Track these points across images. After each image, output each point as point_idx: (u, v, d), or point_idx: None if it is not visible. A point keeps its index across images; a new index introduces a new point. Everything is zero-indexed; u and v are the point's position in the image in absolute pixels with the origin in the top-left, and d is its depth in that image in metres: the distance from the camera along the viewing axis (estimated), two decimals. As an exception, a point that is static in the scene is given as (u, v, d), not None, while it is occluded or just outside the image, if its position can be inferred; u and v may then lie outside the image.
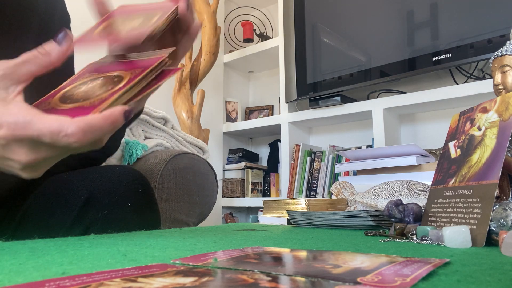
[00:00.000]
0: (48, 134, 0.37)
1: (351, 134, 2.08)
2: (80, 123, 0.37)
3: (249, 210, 2.45)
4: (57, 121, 0.37)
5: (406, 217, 0.58)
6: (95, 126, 0.37)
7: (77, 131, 0.37)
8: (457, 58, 1.48)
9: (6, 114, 0.37)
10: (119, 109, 0.39)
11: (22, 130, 0.37)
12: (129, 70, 0.46)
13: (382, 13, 1.75)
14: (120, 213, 0.68)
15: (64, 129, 0.36)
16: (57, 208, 0.66)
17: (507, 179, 0.52)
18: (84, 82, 0.46)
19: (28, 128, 0.37)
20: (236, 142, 2.52)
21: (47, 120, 0.37)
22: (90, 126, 0.37)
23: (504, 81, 0.60)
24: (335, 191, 0.98)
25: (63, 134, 0.36)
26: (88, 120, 0.37)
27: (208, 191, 1.23)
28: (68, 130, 0.36)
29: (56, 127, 0.36)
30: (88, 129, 0.37)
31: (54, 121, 0.37)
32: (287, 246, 0.45)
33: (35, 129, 0.37)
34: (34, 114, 0.37)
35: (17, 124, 0.37)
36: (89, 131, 0.37)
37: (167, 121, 1.38)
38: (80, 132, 0.37)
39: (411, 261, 0.31)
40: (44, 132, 0.37)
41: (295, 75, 1.99)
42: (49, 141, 0.37)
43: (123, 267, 0.30)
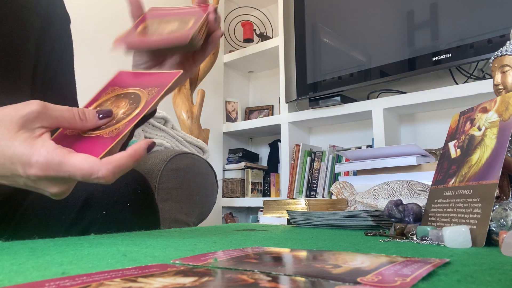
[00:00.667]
0: (80, 176, 0.39)
1: (351, 134, 2.08)
2: (109, 166, 0.39)
3: (249, 210, 2.45)
4: (87, 164, 0.39)
5: (406, 217, 0.58)
6: (123, 166, 0.40)
7: (108, 174, 0.39)
8: (457, 58, 1.48)
9: (35, 154, 0.39)
10: (143, 146, 0.42)
11: (53, 171, 0.39)
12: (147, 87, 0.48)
13: (382, 13, 1.75)
14: (119, 213, 0.68)
15: (94, 172, 0.39)
16: (56, 208, 0.66)
17: (507, 179, 0.52)
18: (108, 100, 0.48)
19: (59, 170, 0.39)
20: (236, 142, 2.52)
21: (78, 162, 0.39)
22: (118, 167, 0.40)
23: (504, 81, 0.60)
24: (335, 191, 0.98)
25: (95, 176, 0.39)
26: (116, 162, 0.40)
27: (208, 191, 1.23)
28: (99, 173, 0.39)
29: (87, 170, 0.39)
30: (116, 170, 0.40)
31: (84, 164, 0.39)
32: (287, 246, 0.45)
33: (66, 170, 0.39)
34: (63, 155, 0.39)
35: (48, 165, 0.38)
36: (117, 172, 0.40)
37: (167, 121, 1.38)
38: (110, 174, 0.39)
39: (411, 261, 0.31)
40: (76, 174, 0.39)
41: (295, 75, 1.99)
42: (80, 180, 0.40)
43: (123, 267, 0.30)
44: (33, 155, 0.38)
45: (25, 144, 0.39)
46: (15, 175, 0.40)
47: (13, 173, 0.40)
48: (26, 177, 0.39)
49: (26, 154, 0.38)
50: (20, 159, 0.39)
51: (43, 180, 0.40)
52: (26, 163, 0.38)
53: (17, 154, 0.38)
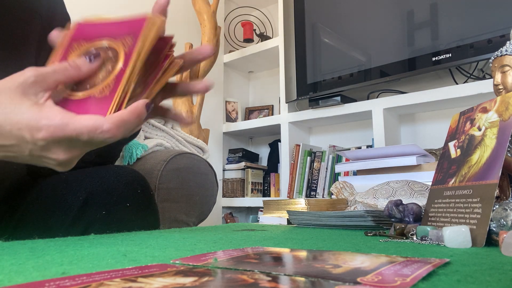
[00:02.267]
0: (86, 133, 0.40)
1: (351, 134, 2.08)
2: (113, 119, 0.41)
3: (249, 210, 2.45)
4: (92, 120, 0.40)
5: (406, 217, 0.58)
6: (126, 121, 0.41)
7: (112, 127, 0.40)
8: (457, 58, 1.48)
9: (44, 118, 0.40)
10: (142, 103, 0.43)
11: (61, 132, 0.40)
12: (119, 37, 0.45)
13: (382, 13, 1.75)
14: (119, 213, 0.68)
15: (99, 126, 0.40)
16: (56, 208, 0.66)
17: (507, 179, 0.52)
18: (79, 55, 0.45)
19: (67, 130, 0.40)
20: (236, 142, 2.52)
21: (83, 120, 0.40)
22: (121, 121, 0.41)
23: (504, 81, 0.60)
24: (335, 191, 0.98)
25: (100, 131, 0.40)
26: (120, 116, 0.41)
27: (208, 191, 1.23)
28: (103, 127, 0.40)
29: (92, 125, 0.40)
30: (121, 124, 0.41)
31: (89, 121, 0.40)
32: (287, 246, 0.45)
33: (73, 129, 0.40)
34: (70, 117, 0.40)
35: (56, 127, 0.40)
36: (121, 125, 0.41)
37: (167, 121, 1.38)
38: (115, 128, 0.41)
39: (411, 261, 0.31)
40: (82, 131, 0.40)
41: (295, 75, 1.99)
42: (87, 138, 0.40)
43: (123, 267, 0.30)
44: (42, 118, 0.39)
45: (32, 109, 0.40)
46: (21, 141, 0.40)
47: (19, 140, 0.40)
48: (33, 142, 0.40)
49: (34, 118, 0.39)
50: (28, 124, 0.39)
51: (51, 144, 0.41)
52: (34, 127, 0.39)
53: (25, 119, 0.39)
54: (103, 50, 0.45)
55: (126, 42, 0.44)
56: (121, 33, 0.45)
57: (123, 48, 0.44)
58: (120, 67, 0.43)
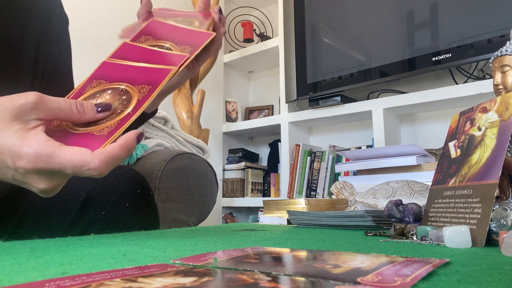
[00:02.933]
0: (71, 168, 0.38)
1: (351, 134, 2.08)
2: (101, 156, 0.38)
3: (249, 210, 2.45)
4: (79, 155, 0.38)
5: (406, 217, 0.58)
6: (115, 157, 0.39)
7: (100, 165, 0.38)
8: (457, 58, 1.48)
9: (26, 145, 0.37)
10: (133, 136, 0.41)
11: (42, 163, 0.37)
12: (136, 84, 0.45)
13: (382, 13, 1.75)
14: (119, 213, 0.68)
15: (86, 164, 0.37)
16: (56, 208, 0.66)
17: (507, 179, 0.52)
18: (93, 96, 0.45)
19: (49, 162, 0.37)
20: (236, 142, 2.52)
21: (69, 154, 0.38)
22: (110, 158, 0.39)
23: (504, 81, 0.60)
24: (335, 191, 0.98)
25: (86, 168, 0.38)
26: (108, 153, 0.39)
27: (208, 191, 1.23)
28: (90, 165, 0.38)
29: (79, 162, 0.37)
30: (109, 161, 0.39)
31: (75, 155, 0.38)
32: (287, 246, 0.45)
33: (57, 162, 0.37)
34: (54, 147, 0.38)
35: (38, 157, 0.37)
36: (109, 162, 0.39)
37: (167, 121, 1.38)
38: (103, 165, 0.38)
39: (411, 261, 0.31)
40: (66, 166, 0.37)
41: (295, 75, 1.99)
42: (71, 173, 0.38)
43: (123, 267, 0.30)
44: (24, 146, 0.37)
45: (17, 135, 0.37)
46: (3, 166, 0.38)
47: (2, 165, 0.38)
48: (14, 169, 0.38)
49: (16, 144, 0.37)
50: (9, 150, 0.37)
51: (32, 173, 0.38)
52: (15, 154, 0.37)
53: (7, 144, 0.37)
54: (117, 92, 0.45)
55: (143, 90, 0.45)
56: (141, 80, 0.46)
57: (138, 95, 0.44)
58: (128, 112, 0.43)
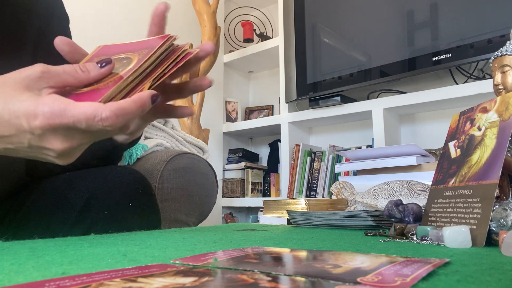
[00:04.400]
0: (84, 120, 0.39)
1: (351, 134, 2.08)
2: (112, 107, 0.39)
3: (249, 210, 2.45)
4: (91, 107, 0.39)
5: (406, 217, 0.58)
6: (126, 110, 0.40)
7: (111, 115, 0.39)
8: (457, 58, 1.48)
9: (41, 104, 0.39)
10: (147, 93, 0.41)
11: (57, 119, 0.39)
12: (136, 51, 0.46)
13: (382, 13, 1.75)
14: (121, 213, 0.68)
15: (98, 113, 0.39)
16: (59, 208, 0.66)
17: (507, 179, 0.52)
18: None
19: (64, 116, 0.39)
20: (236, 142, 2.52)
21: (81, 107, 0.39)
22: (122, 109, 0.39)
23: (504, 81, 0.60)
24: (335, 191, 0.98)
25: (98, 118, 0.39)
26: (120, 104, 0.40)
27: (208, 191, 1.23)
28: (102, 114, 0.39)
29: (91, 112, 0.38)
30: (120, 113, 0.39)
31: (88, 107, 0.39)
32: (287, 246, 0.45)
33: (70, 116, 0.39)
34: (67, 103, 0.39)
35: (53, 113, 0.39)
36: (121, 114, 0.39)
37: (167, 121, 1.38)
38: (114, 116, 0.39)
39: (411, 261, 0.31)
40: (80, 118, 0.39)
41: (295, 75, 1.99)
42: (85, 127, 0.39)
43: (123, 267, 0.30)
44: (38, 105, 0.39)
45: (31, 98, 0.39)
46: (20, 131, 0.40)
47: (17, 129, 0.39)
48: (30, 131, 0.39)
49: (31, 105, 0.39)
50: (25, 111, 0.39)
51: (48, 133, 0.39)
52: (31, 113, 0.39)
53: (23, 106, 0.39)
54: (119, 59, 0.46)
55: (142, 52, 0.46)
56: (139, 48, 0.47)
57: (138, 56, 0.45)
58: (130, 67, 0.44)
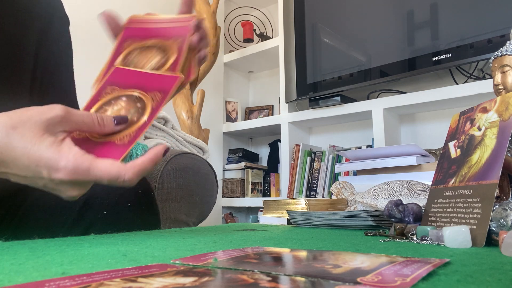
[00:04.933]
0: (107, 180, 0.41)
1: (351, 134, 2.08)
2: (134, 169, 0.42)
3: (249, 210, 2.45)
4: (114, 168, 0.41)
5: (406, 217, 0.58)
6: (146, 169, 0.43)
7: (133, 177, 0.42)
8: (457, 58, 1.48)
9: (63, 160, 0.40)
10: (160, 151, 0.45)
11: (81, 176, 0.41)
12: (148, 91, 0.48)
13: (382, 13, 1.75)
14: (120, 213, 0.68)
15: (121, 175, 0.41)
16: (57, 208, 0.66)
17: (507, 179, 0.52)
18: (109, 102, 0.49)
19: (87, 175, 0.41)
20: (236, 142, 2.52)
21: (105, 167, 0.41)
22: (142, 170, 0.43)
23: (504, 81, 0.60)
24: (335, 191, 0.98)
25: (121, 180, 0.42)
26: (140, 166, 0.43)
27: (208, 191, 1.23)
28: (125, 176, 0.42)
29: (115, 174, 0.41)
30: (140, 173, 0.43)
31: (112, 168, 0.41)
32: (287, 246, 0.45)
33: (94, 175, 0.41)
34: (90, 161, 0.41)
35: (76, 171, 0.40)
36: (140, 174, 0.43)
37: (167, 121, 1.38)
38: (135, 177, 0.42)
39: (411, 261, 0.31)
40: (103, 178, 0.41)
41: (295, 75, 1.99)
42: (106, 183, 0.42)
43: (123, 267, 0.30)
44: (61, 160, 0.40)
45: (52, 148, 0.40)
46: (37, 177, 0.41)
47: (35, 175, 0.41)
48: (49, 180, 0.40)
49: (53, 158, 0.40)
50: (46, 163, 0.40)
51: (67, 184, 0.41)
52: (53, 167, 0.40)
53: (44, 157, 0.40)
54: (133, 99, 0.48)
55: (155, 98, 0.48)
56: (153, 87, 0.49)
57: (151, 103, 0.47)
58: (144, 120, 0.46)
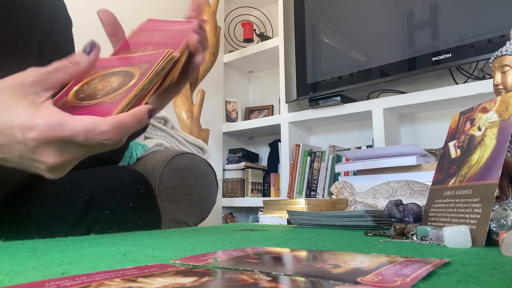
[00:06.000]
0: (83, 133, 0.38)
1: (351, 134, 2.08)
2: (111, 121, 0.39)
3: (249, 210, 2.45)
4: (90, 120, 0.39)
5: (406, 217, 0.58)
6: (125, 123, 0.40)
7: (110, 129, 0.39)
8: (457, 58, 1.48)
9: (38, 117, 0.38)
10: (145, 108, 0.42)
11: (54, 132, 0.38)
12: (136, 65, 0.46)
13: (382, 13, 1.75)
14: (122, 213, 0.68)
15: (97, 127, 0.38)
16: (60, 208, 0.66)
17: (507, 179, 0.52)
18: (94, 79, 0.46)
19: (61, 130, 0.38)
20: (236, 142, 2.52)
21: (80, 120, 0.39)
22: (121, 123, 0.39)
23: (504, 81, 0.60)
24: (335, 191, 0.98)
25: (97, 131, 0.38)
26: (119, 118, 0.40)
27: (208, 191, 1.23)
28: (101, 127, 0.38)
29: (91, 126, 0.38)
30: (119, 126, 0.39)
31: (87, 120, 0.39)
32: (287, 246, 0.45)
33: (69, 129, 0.38)
34: (66, 116, 0.39)
35: (49, 126, 0.38)
36: (119, 128, 0.39)
37: (167, 121, 1.38)
38: (112, 130, 0.39)
39: (411, 261, 0.31)
40: (78, 131, 0.38)
41: (295, 75, 1.99)
42: (82, 140, 0.39)
43: (123, 267, 0.30)
44: (36, 118, 0.38)
45: (29, 109, 0.39)
46: (12, 141, 0.39)
47: (10, 139, 0.39)
48: (24, 142, 0.38)
49: (28, 117, 0.38)
50: (21, 122, 0.38)
51: (42, 145, 0.39)
52: (27, 126, 0.38)
53: (19, 118, 0.38)
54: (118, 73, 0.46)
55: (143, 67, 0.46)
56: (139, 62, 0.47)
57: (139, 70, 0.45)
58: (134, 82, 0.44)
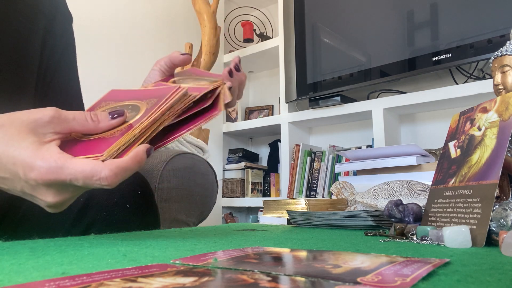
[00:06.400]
0: (82, 179, 0.38)
1: (351, 134, 2.08)
2: (111, 166, 0.39)
3: (249, 210, 2.45)
4: (89, 165, 0.38)
5: (406, 217, 0.58)
6: (126, 168, 0.40)
7: (110, 175, 0.39)
8: (457, 58, 1.48)
9: (39, 158, 0.38)
10: (142, 149, 0.41)
11: (54, 175, 0.38)
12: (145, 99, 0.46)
13: (382, 13, 1.75)
14: (119, 214, 0.68)
15: (97, 173, 0.38)
16: None
17: (507, 179, 0.52)
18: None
19: (61, 173, 0.38)
20: (236, 142, 2.52)
21: (80, 165, 0.38)
22: (121, 168, 0.39)
23: (504, 81, 0.60)
24: (335, 191, 0.98)
25: (97, 178, 0.38)
26: (119, 163, 0.39)
27: (208, 191, 1.23)
28: (101, 174, 0.38)
29: (89, 172, 0.38)
30: (119, 172, 0.39)
31: (86, 166, 0.38)
32: (287, 246, 0.45)
33: (68, 173, 0.38)
34: (65, 159, 0.38)
35: (50, 168, 0.38)
36: (119, 173, 0.39)
37: (167, 121, 1.38)
38: (113, 176, 0.39)
39: (411, 261, 0.31)
40: (77, 176, 0.38)
41: (295, 75, 1.99)
42: (81, 184, 0.39)
43: (123, 267, 0.30)
44: (37, 159, 0.38)
45: (31, 147, 0.38)
46: (14, 176, 0.39)
47: (12, 175, 0.39)
48: (25, 180, 0.39)
49: (30, 156, 0.38)
50: (23, 161, 0.38)
51: (41, 186, 0.39)
52: (28, 165, 0.38)
53: (21, 156, 0.38)
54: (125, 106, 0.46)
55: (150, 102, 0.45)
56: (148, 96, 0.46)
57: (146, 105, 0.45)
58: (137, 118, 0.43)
